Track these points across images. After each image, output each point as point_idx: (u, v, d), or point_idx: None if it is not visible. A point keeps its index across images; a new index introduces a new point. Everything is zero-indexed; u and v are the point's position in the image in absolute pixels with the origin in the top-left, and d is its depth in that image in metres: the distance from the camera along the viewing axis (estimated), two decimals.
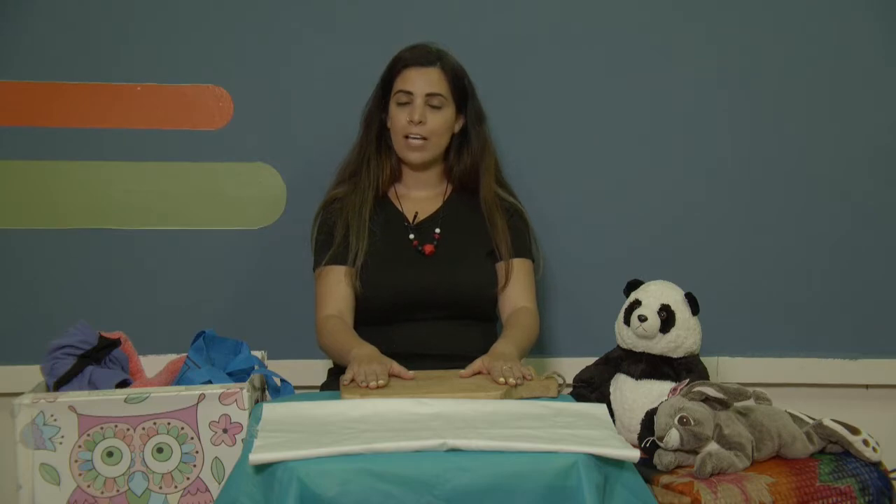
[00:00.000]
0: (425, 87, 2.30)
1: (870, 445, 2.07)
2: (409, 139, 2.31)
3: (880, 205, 2.66)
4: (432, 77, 2.30)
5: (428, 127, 2.30)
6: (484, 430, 1.75)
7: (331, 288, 2.30)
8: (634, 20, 2.60)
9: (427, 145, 2.32)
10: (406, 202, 2.39)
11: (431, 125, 2.31)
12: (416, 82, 2.29)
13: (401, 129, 2.31)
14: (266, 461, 1.67)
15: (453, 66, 2.33)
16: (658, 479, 1.98)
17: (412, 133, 2.30)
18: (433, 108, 2.30)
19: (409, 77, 2.30)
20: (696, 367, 2.22)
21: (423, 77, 2.30)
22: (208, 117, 2.57)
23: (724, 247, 2.66)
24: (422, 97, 2.29)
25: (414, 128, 2.30)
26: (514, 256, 2.35)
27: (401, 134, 2.32)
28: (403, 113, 2.30)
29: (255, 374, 2.15)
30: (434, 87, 2.30)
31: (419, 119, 2.29)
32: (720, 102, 2.63)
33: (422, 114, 2.29)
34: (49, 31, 2.51)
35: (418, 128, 2.29)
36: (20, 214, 2.54)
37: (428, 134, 2.31)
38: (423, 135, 2.31)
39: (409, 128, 2.30)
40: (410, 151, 2.33)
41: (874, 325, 2.68)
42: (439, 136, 2.33)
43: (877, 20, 2.62)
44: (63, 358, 2.09)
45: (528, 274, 2.38)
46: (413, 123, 2.29)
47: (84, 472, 1.99)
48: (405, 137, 2.31)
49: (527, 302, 2.35)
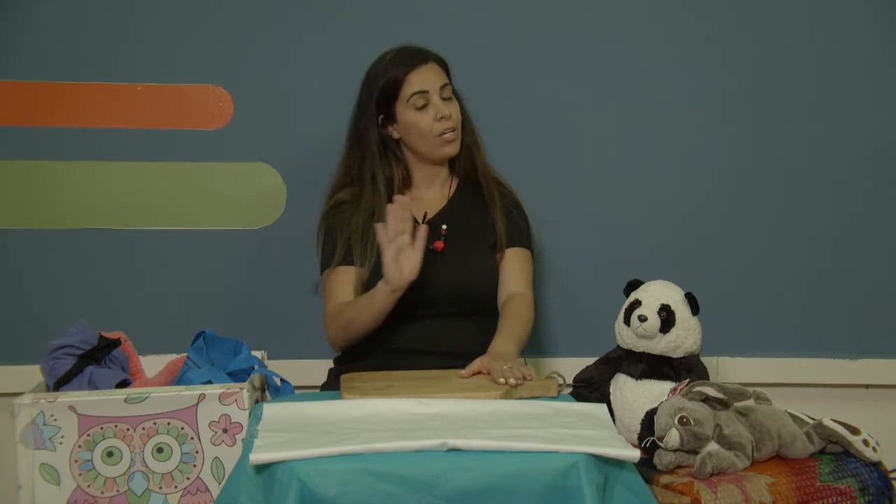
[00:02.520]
0: (437, 80, 2.29)
1: (870, 445, 2.07)
2: (444, 135, 2.30)
3: (880, 205, 2.66)
4: (436, 71, 2.31)
5: (454, 118, 2.31)
6: (484, 430, 1.75)
7: (340, 286, 2.29)
8: (635, 21, 2.60)
9: (458, 135, 2.33)
10: (415, 205, 2.37)
11: (455, 115, 2.31)
12: (427, 80, 2.29)
13: (432, 130, 2.29)
14: (266, 461, 1.67)
15: (441, 58, 2.34)
16: (658, 479, 1.98)
17: (446, 129, 2.29)
18: (447, 100, 2.31)
19: (416, 79, 2.28)
20: (696, 367, 2.22)
21: (430, 73, 2.29)
22: (208, 117, 2.57)
23: (724, 247, 2.66)
24: (437, 93, 2.29)
25: (446, 122, 2.29)
26: (510, 246, 2.35)
27: (434, 134, 2.29)
28: (427, 114, 2.29)
29: (255, 374, 2.15)
30: (442, 78, 2.31)
31: (448, 113, 2.29)
32: (720, 102, 2.63)
33: (447, 107, 2.29)
34: (49, 31, 2.51)
35: (449, 122, 2.29)
36: (20, 214, 2.54)
37: (456, 124, 2.31)
38: (454, 126, 2.31)
39: (439, 125, 2.29)
40: (448, 146, 2.32)
41: (874, 325, 2.68)
42: (461, 124, 2.34)
43: (877, 20, 2.62)
44: (63, 358, 2.09)
45: (523, 262, 2.37)
46: (445, 119, 2.29)
47: (84, 472, 1.99)
48: (440, 136, 2.30)
49: (522, 287, 2.33)
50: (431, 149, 2.32)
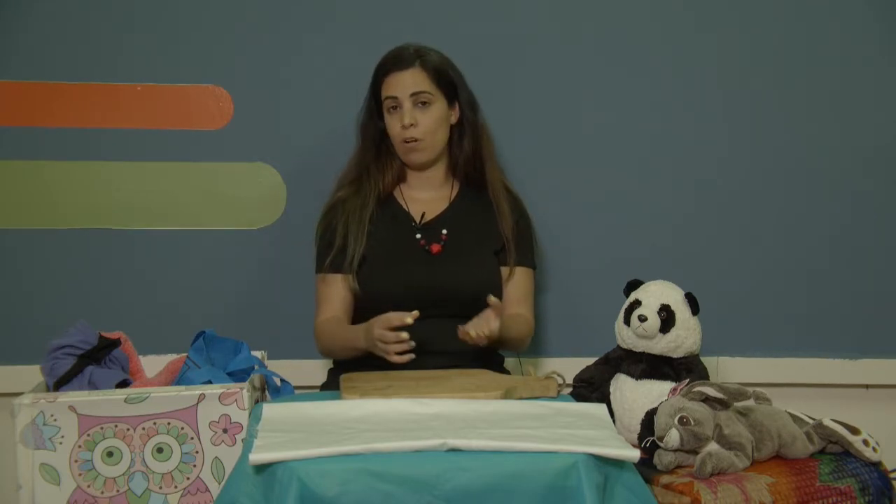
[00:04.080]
0: (409, 87, 2.31)
1: (870, 445, 2.07)
2: (406, 143, 2.32)
3: (880, 205, 2.66)
4: (414, 77, 2.31)
5: (420, 128, 2.31)
6: (484, 430, 1.75)
7: (329, 293, 2.33)
8: (637, 21, 2.60)
9: (423, 145, 2.33)
10: (413, 203, 2.40)
11: (424, 125, 2.31)
12: (398, 86, 2.31)
13: (397, 136, 2.33)
14: (266, 461, 1.67)
15: (434, 62, 2.33)
16: (658, 479, 1.98)
17: (407, 137, 2.31)
18: (422, 107, 2.31)
19: (390, 83, 2.32)
20: (696, 367, 2.22)
21: (403, 80, 2.31)
22: (208, 117, 2.56)
23: (725, 247, 2.66)
24: (408, 100, 2.30)
25: (407, 132, 2.31)
26: (518, 265, 2.38)
27: (398, 140, 2.34)
28: (395, 119, 2.32)
29: (255, 374, 2.15)
30: (417, 86, 2.31)
31: (410, 122, 2.30)
32: (720, 103, 2.63)
33: (412, 116, 2.30)
34: (49, 31, 2.51)
35: (411, 131, 2.31)
36: (20, 214, 2.54)
37: (422, 135, 2.32)
38: (417, 136, 2.31)
39: (403, 133, 2.31)
40: (410, 154, 2.34)
41: (874, 325, 2.68)
42: (433, 134, 2.33)
43: (877, 20, 2.62)
44: (63, 358, 2.09)
45: (528, 282, 2.41)
46: (405, 128, 2.30)
47: (84, 472, 1.99)
48: (403, 142, 2.33)
49: (524, 310, 2.39)
50: (400, 153, 2.37)
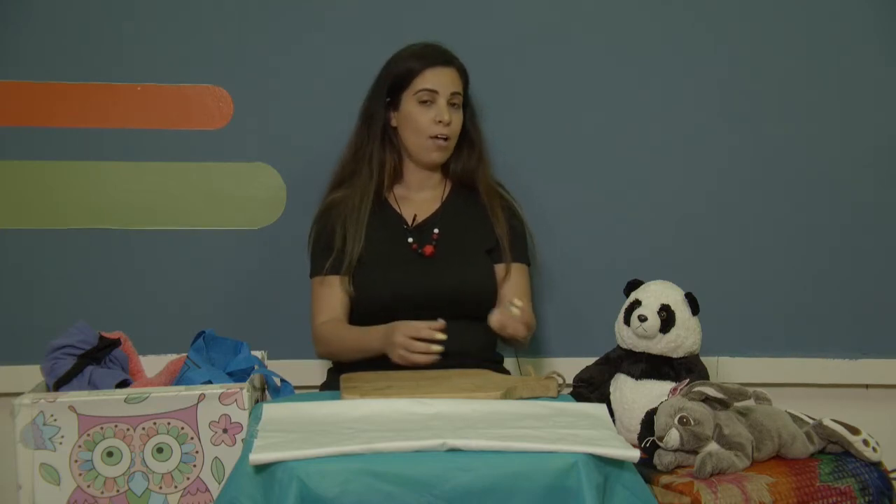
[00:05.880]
0: (450, 86, 2.30)
1: (870, 445, 2.07)
2: (437, 139, 2.30)
3: (881, 205, 2.66)
4: (453, 77, 2.32)
5: (452, 127, 2.31)
6: (484, 430, 1.75)
7: (328, 296, 2.32)
8: (636, 21, 2.61)
9: (450, 145, 2.34)
10: (405, 205, 2.39)
11: (455, 125, 2.32)
12: (441, 81, 2.30)
13: (426, 130, 2.30)
14: (266, 461, 1.67)
15: (464, 67, 2.35)
16: (658, 479, 1.98)
17: (440, 133, 2.30)
18: (454, 108, 2.31)
19: (431, 76, 2.30)
20: (696, 367, 2.22)
21: (446, 76, 2.30)
22: (208, 117, 2.56)
23: (725, 247, 2.66)
24: (446, 97, 2.29)
25: (442, 128, 2.29)
26: (514, 261, 2.37)
27: (426, 134, 2.30)
28: (428, 113, 2.30)
29: (255, 374, 2.15)
30: (456, 86, 2.31)
31: (449, 119, 2.29)
32: (720, 103, 2.63)
33: (449, 114, 2.29)
34: (49, 31, 2.51)
35: (445, 128, 2.30)
36: (20, 214, 2.54)
37: (452, 134, 2.32)
38: (448, 135, 2.31)
39: (436, 128, 2.29)
40: (436, 152, 2.33)
41: (874, 325, 2.68)
42: (457, 136, 2.35)
43: (877, 20, 2.62)
44: (63, 358, 2.09)
45: (525, 279, 2.41)
46: (443, 124, 2.29)
47: (84, 472, 1.99)
48: (432, 138, 2.30)
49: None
50: (420, 148, 2.33)
